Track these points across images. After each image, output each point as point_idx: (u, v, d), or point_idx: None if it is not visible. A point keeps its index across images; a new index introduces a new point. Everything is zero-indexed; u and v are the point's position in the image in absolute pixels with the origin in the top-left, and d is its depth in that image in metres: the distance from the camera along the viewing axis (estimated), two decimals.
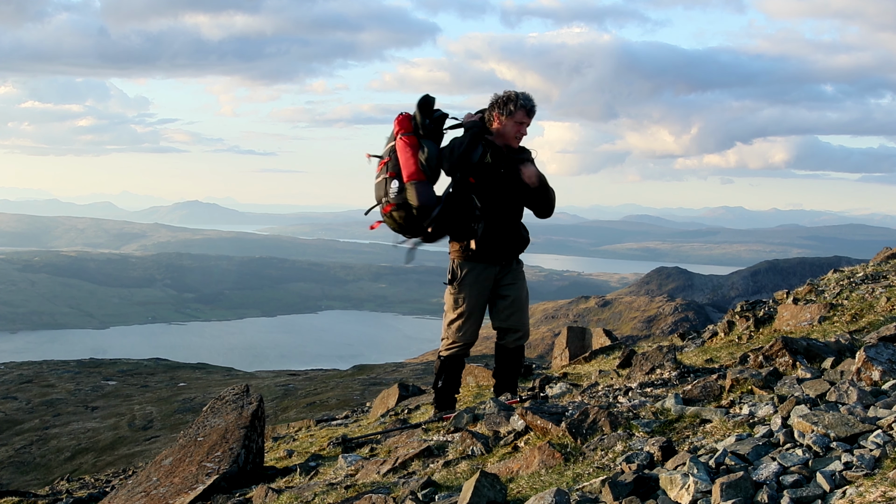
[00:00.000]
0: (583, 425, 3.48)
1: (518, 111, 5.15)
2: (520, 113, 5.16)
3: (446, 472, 3.58)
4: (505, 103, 5.18)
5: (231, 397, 5.66)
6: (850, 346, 4.23)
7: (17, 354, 73.47)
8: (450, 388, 5.48)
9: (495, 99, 5.24)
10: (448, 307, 5.38)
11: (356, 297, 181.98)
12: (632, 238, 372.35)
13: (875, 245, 14.42)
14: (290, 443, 7.60)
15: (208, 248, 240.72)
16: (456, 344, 5.35)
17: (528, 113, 5.19)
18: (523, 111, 5.17)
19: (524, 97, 5.20)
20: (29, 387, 29.37)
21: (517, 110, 5.15)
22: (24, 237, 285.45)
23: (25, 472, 21.00)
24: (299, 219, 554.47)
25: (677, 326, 63.77)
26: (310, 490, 3.89)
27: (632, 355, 5.73)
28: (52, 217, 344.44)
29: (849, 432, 2.69)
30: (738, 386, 3.70)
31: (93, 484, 10.05)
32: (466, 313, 5.28)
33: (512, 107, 5.14)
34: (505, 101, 5.18)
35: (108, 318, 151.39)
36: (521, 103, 5.16)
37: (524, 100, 5.18)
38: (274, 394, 25.36)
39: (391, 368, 29.22)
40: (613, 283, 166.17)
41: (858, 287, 6.39)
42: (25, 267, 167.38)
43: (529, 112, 5.19)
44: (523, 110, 5.16)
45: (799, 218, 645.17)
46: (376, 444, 5.24)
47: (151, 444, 21.37)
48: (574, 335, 9.79)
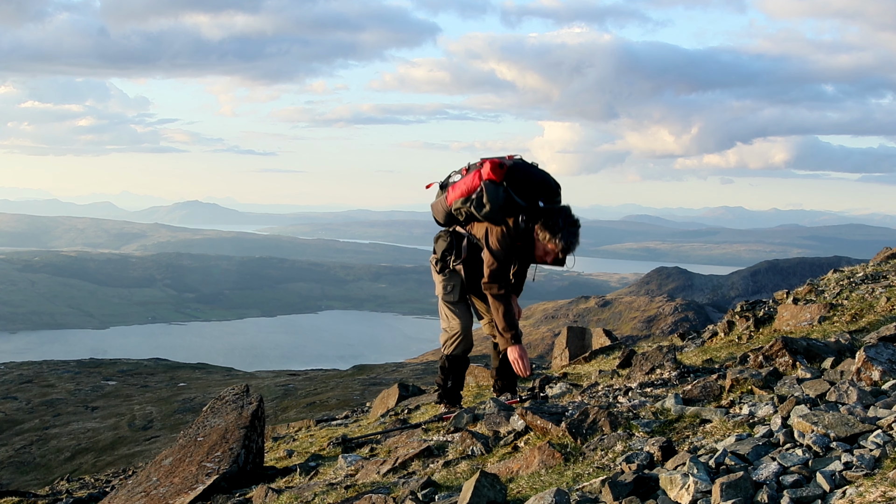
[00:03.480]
0: (583, 425, 3.48)
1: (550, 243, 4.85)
2: (551, 245, 4.85)
3: (446, 472, 3.58)
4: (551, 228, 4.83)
5: (231, 397, 5.66)
6: (850, 346, 4.23)
7: (17, 354, 73.53)
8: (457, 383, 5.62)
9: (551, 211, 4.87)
10: (441, 298, 5.44)
11: (356, 297, 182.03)
12: (632, 238, 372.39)
13: (875, 245, 14.42)
14: (290, 443, 7.60)
15: (208, 248, 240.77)
16: (455, 337, 5.40)
17: (564, 251, 4.86)
18: (554, 246, 4.84)
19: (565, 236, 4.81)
20: (29, 387, 29.38)
21: (550, 241, 4.84)
22: (24, 237, 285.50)
23: (25, 472, 21.00)
24: (299, 219, 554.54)
25: (677, 326, 63.79)
26: (310, 490, 3.89)
27: (632, 355, 5.74)
28: (52, 217, 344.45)
29: (849, 432, 2.69)
30: (738, 386, 3.70)
31: (93, 484, 10.06)
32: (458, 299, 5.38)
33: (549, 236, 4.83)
34: (552, 228, 4.82)
35: (108, 318, 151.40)
36: (556, 242, 4.82)
37: (562, 239, 4.81)
38: (274, 394, 25.37)
39: (391, 368, 29.23)
40: (613, 283, 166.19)
41: (858, 287, 6.39)
42: (25, 267, 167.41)
43: (565, 251, 4.86)
44: (554, 246, 4.84)
45: (799, 218, 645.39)
46: (376, 444, 5.24)
47: (151, 444, 21.37)
48: (574, 335, 9.79)
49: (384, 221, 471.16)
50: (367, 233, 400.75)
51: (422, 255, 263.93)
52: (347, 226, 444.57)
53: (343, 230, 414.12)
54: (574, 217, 4.88)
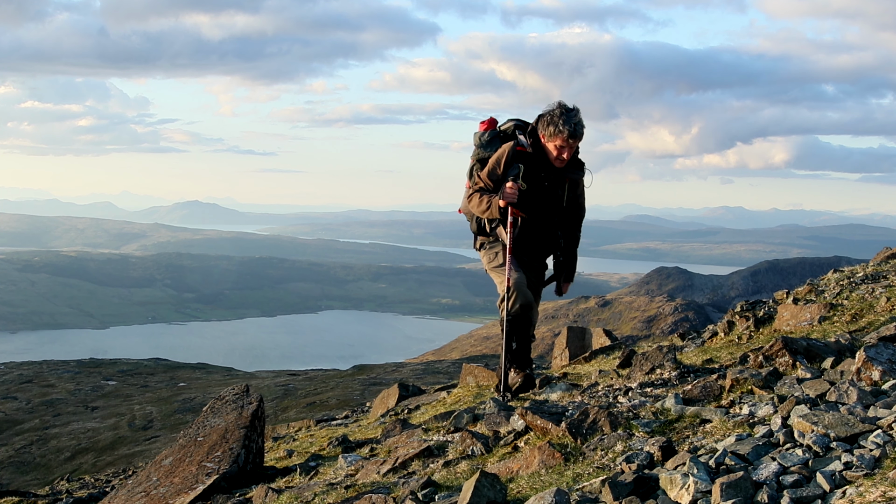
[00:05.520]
0: (583, 425, 3.48)
1: (556, 136, 4.93)
2: (558, 139, 4.93)
3: (446, 472, 3.58)
4: (547, 124, 4.96)
5: (231, 397, 5.66)
6: (850, 346, 4.23)
7: (17, 354, 73.54)
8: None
9: (543, 112, 5.04)
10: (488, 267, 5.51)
11: (356, 297, 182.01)
12: (632, 238, 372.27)
13: (875, 245, 14.43)
14: (290, 443, 7.61)
15: (208, 248, 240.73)
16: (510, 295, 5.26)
17: (571, 136, 4.91)
18: (561, 137, 4.92)
19: (565, 120, 4.89)
20: (29, 387, 29.38)
21: (555, 136, 4.93)
22: (24, 237, 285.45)
23: (25, 472, 21.00)
24: (299, 219, 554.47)
25: (677, 326, 63.79)
26: (310, 490, 3.89)
27: (632, 355, 5.73)
28: (52, 217, 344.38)
29: (849, 432, 2.69)
30: (738, 386, 3.70)
31: (93, 484, 10.06)
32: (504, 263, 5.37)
33: (553, 129, 4.92)
34: (548, 122, 4.96)
35: (108, 318, 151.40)
36: (560, 129, 4.89)
37: (566, 124, 4.88)
38: (274, 394, 25.37)
39: (391, 368, 29.24)
40: (613, 283, 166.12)
41: (858, 287, 6.39)
42: (25, 267, 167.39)
43: (572, 135, 4.91)
44: (561, 136, 4.92)
45: (799, 218, 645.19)
46: (376, 444, 5.24)
47: (151, 444, 21.37)
48: (574, 335, 9.78)
49: (384, 221, 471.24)
50: (367, 233, 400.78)
51: (422, 255, 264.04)
52: (347, 226, 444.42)
53: (343, 230, 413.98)
54: (569, 105, 5.00)
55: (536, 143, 5.10)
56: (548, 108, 5.02)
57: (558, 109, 4.95)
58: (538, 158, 5.09)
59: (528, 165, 5.08)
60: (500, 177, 5.16)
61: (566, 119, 4.90)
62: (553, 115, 4.94)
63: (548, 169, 5.10)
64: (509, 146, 5.14)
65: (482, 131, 5.42)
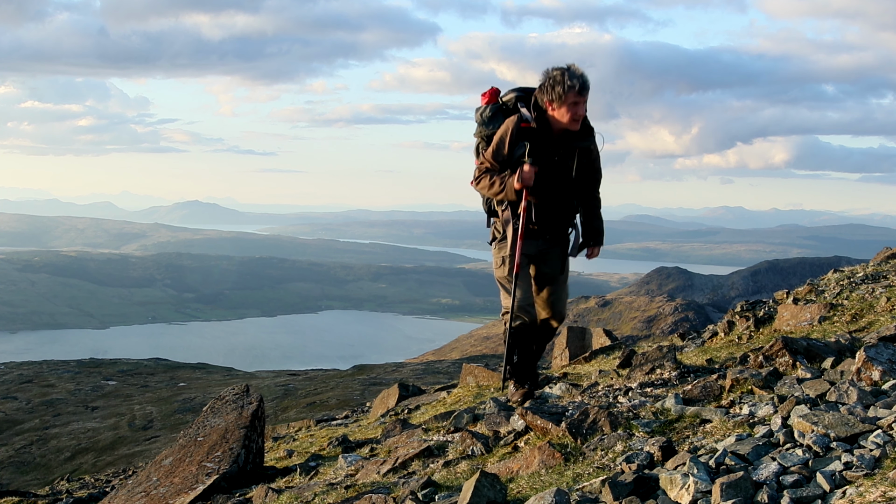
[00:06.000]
0: (583, 425, 3.48)
1: (568, 94, 4.64)
2: (570, 95, 4.64)
3: (446, 472, 3.58)
4: (552, 88, 4.67)
5: (231, 397, 5.66)
6: (850, 346, 4.23)
7: (17, 354, 73.57)
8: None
9: (541, 82, 4.75)
10: (494, 274, 5.21)
11: (356, 297, 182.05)
12: (632, 238, 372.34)
13: (875, 245, 14.43)
14: (290, 443, 7.61)
15: (208, 248, 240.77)
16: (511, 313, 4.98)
17: (581, 92, 4.65)
18: (573, 92, 4.62)
19: (571, 76, 4.63)
20: (29, 387, 29.38)
21: (567, 93, 4.63)
22: (24, 237, 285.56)
23: (25, 472, 21.01)
24: (299, 219, 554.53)
25: (677, 326, 63.79)
26: (310, 490, 3.89)
27: (632, 355, 5.73)
28: (52, 217, 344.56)
29: (849, 432, 2.69)
30: (738, 386, 3.70)
31: (93, 484, 10.06)
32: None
33: (560, 90, 4.63)
34: (552, 86, 4.67)
35: (108, 318, 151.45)
36: (569, 85, 4.60)
37: (571, 79, 4.62)
38: (274, 394, 25.38)
39: (391, 368, 29.25)
40: (613, 283, 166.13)
41: (858, 287, 6.39)
42: (25, 267, 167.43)
43: (581, 91, 4.65)
44: (573, 92, 4.62)
45: (799, 218, 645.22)
46: (376, 444, 5.24)
47: (151, 444, 21.38)
48: (574, 335, 9.78)
49: (384, 221, 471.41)
50: (367, 233, 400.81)
51: (422, 255, 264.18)
52: (347, 226, 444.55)
53: (343, 230, 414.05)
54: (566, 64, 4.75)
55: (541, 115, 4.81)
56: (543, 77, 4.77)
57: (556, 71, 4.70)
58: (544, 132, 4.82)
59: (535, 142, 4.81)
60: (506, 157, 4.86)
61: (570, 74, 4.66)
62: (554, 77, 4.70)
63: (555, 142, 4.84)
64: (513, 123, 4.84)
65: (483, 105, 5.10)
